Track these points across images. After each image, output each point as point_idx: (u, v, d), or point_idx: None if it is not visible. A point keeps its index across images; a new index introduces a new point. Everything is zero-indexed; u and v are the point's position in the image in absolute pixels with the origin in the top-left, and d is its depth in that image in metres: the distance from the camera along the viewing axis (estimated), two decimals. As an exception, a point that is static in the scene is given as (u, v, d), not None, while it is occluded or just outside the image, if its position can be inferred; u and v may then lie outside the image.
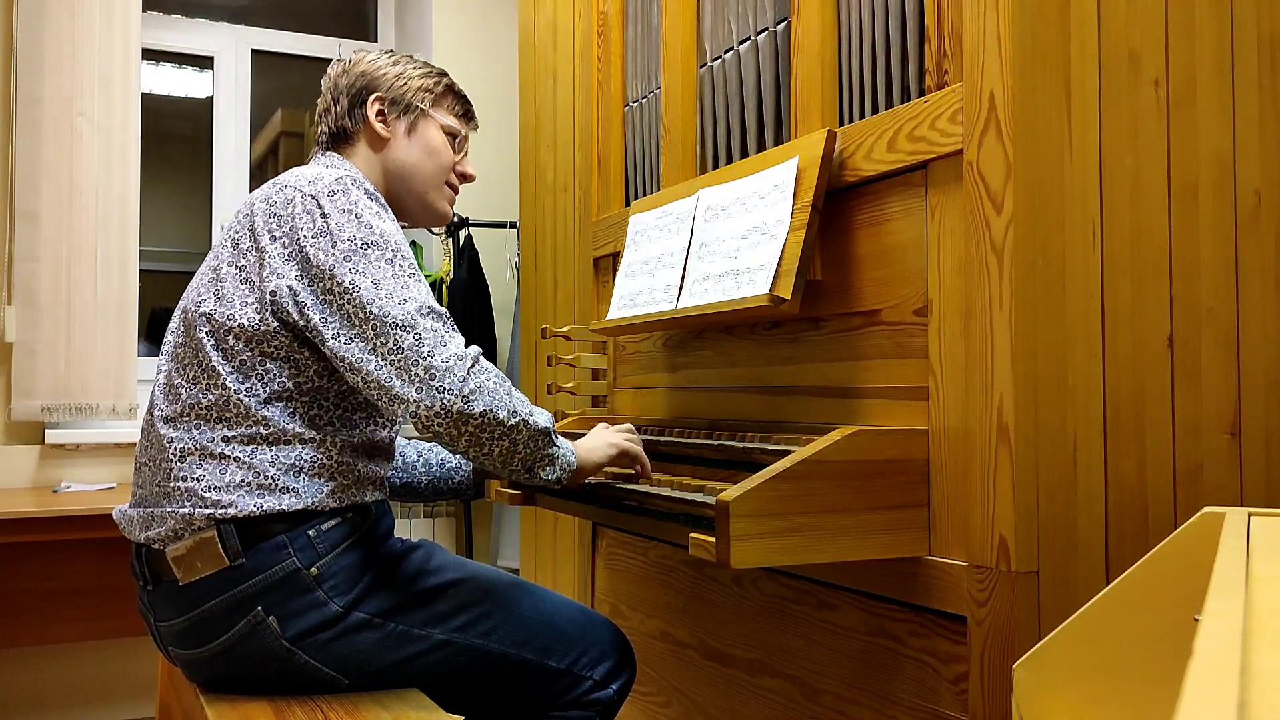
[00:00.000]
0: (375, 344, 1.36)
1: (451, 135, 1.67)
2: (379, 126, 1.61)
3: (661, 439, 1.71)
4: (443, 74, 1.69)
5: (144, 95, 3.16)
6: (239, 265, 1.44)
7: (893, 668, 1.42)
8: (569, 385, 2.17)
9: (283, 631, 1.38)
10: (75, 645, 3.06)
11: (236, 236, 1.47)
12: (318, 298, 1.39)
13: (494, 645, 1.48)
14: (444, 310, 1.42)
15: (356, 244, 1.40)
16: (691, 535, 1.30)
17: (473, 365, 1.37)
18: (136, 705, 3.12)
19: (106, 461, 3.09)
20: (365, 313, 1.36)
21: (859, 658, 1.48)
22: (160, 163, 3.67)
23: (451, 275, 3.50)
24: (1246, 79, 1.38)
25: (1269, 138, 1.39)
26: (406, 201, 1.64)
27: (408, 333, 1.36)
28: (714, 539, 1.25)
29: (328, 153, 1.63)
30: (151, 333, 3.53)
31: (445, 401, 1.34)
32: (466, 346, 1.40)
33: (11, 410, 2.95)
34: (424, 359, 1.35)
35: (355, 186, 1.46)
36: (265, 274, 1.41)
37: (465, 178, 1.71)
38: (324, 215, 1.41)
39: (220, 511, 1.37)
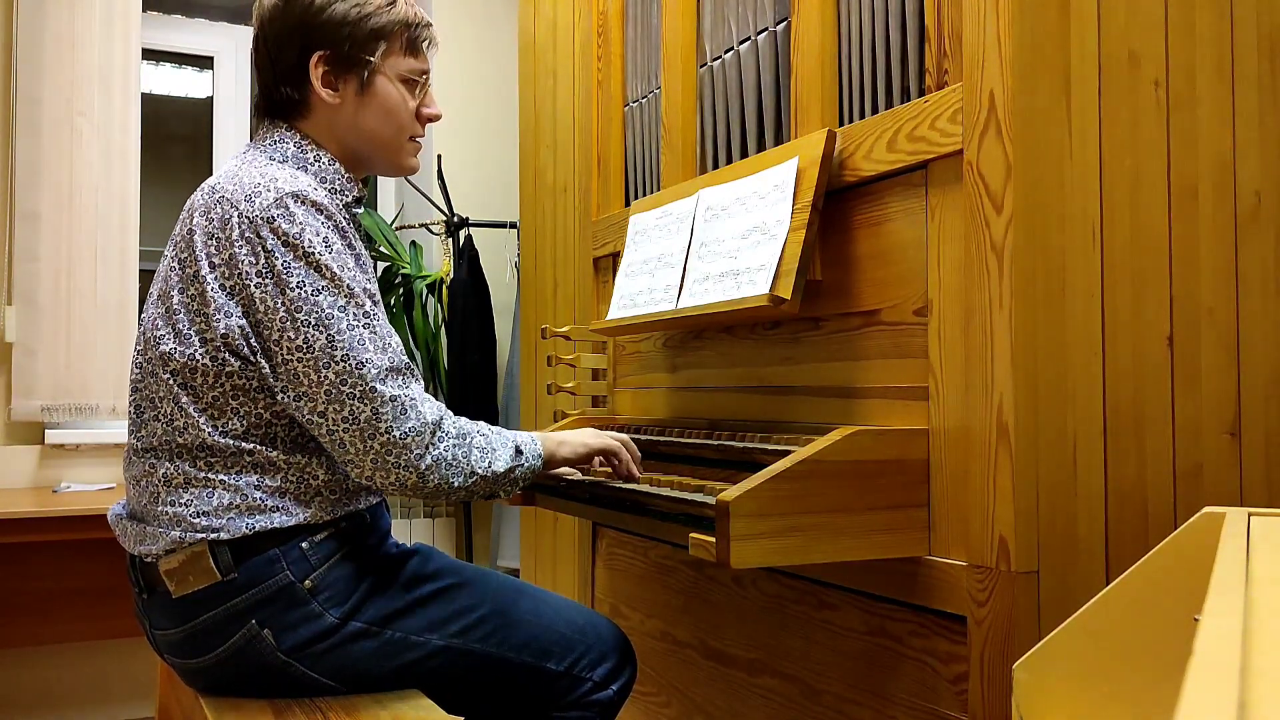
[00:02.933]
0: (327, 408, 1.31)
1: (410, 80, 1.49)
2: (326, 94, 1.44)
3: (661, 439, 1.71)
4: (391, 2, 1.46)
5: (144, 95, 3.16)
6: (188, 294, 1.35)
7: (893, 668, 1.42)
8: (569, 385, 2.17)
9: (278, 644, 1.36)
10: (75, 645, 3.05)
11: (182, 256, 1.37)
12: (264, 344, 1.32)
13: (492, 649, 1.47)
14: (404, 362, 1.35)
15: (306, 290, 1.31)
16: (691, 535, 1.30)
17: (432, 436, 1.34)
18: (136, 705, 3.12)
19: (106, 461, 3.09)
20: (319, 376, 1.30)
21: (859, 658, 1.48)
22: (160, 163, 3.67)
23: (451, 275, 3.50)
24: (1246, 79, 1.38)
25: (1269, 138, 1.39)
26: (370, 161, 1.51)
27: (365, 404, 1.30)
28: (714, 539, 1.25)
29: (274, 124, 1.48)
30: (151, 333, 3.53)
31: (400, 476, 1.33)
32: (428, 403, 1.35)
33: (11, 410, 2.95)
34: (380, 434, 1.31)
35: (297, 203, 1.33)
36: (211, 311, 1.32)
37: (430, 119, 1.54)
38: (267, 251, 1.31)
39: (212, 535, 1.34)
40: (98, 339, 3.01)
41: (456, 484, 1.36)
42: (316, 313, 1.31)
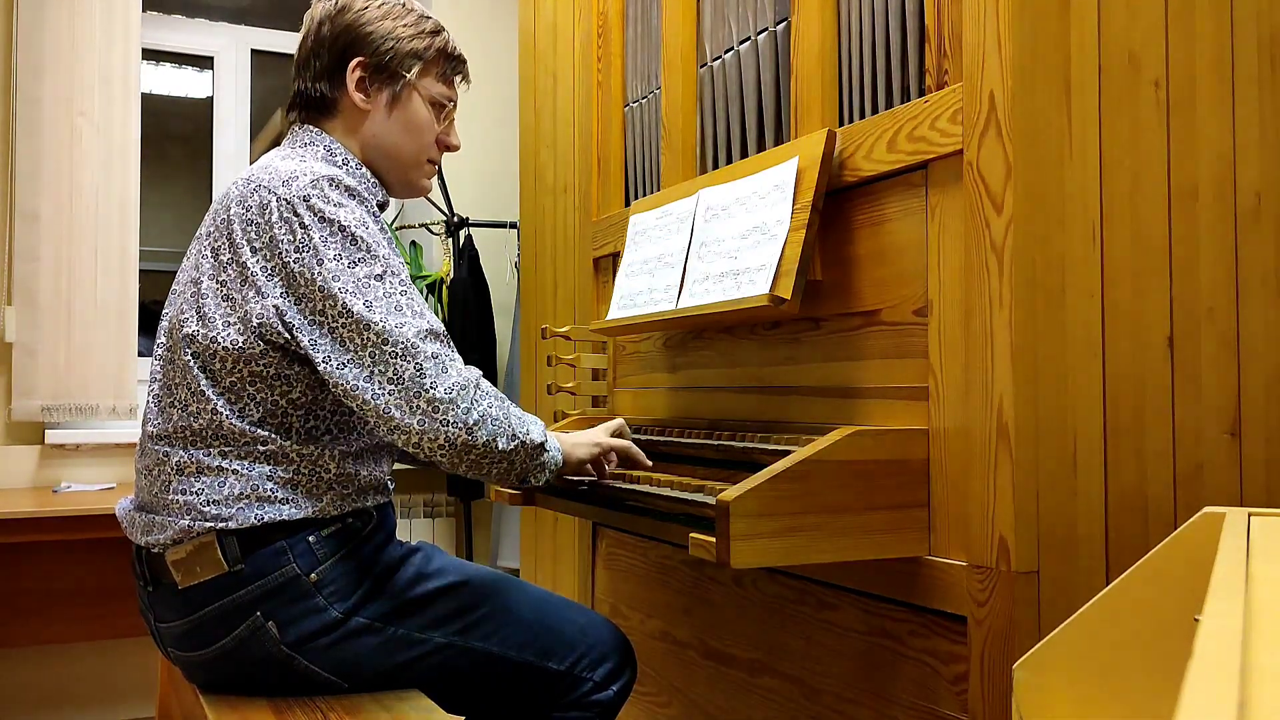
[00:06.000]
0: (373, 371, 1.31)
1: (439, 104, 1.57)
2: (358, 98, 1.51)
3: (661, 439, 1.71)
4: (436, 31, 1.56)
5: (144, 95, 3.15)
6: (219, 280, 1.38)
7: (893, 668, 1.42)
8: (569, 385, 2.17)
9: (282, 637, 1.38)
10: (75, 645, 3.05)
11: (216, 245, 1.41)
12: (306, 318, 1.34)
13: (494, 648, 1.48)
14: (442, 329, 1.37)
15: (344, 262, 1.34)
16: (692, 535, 1.30)
17: (475, 391, 1.34)
18: (136, 705, 3.12)
19: (106, 461, 3.09)
20: (362, 338, 1.32)
21: (859, 658, 1.48)
22: (160, 163, 3.67)
23: (451, 275, 3.50)
24: (1246, 79, 1.38)
25: (1269, 138, 1.39)
26: (385, 176, 1.56)
27: (408, 361, 1.31)
28: (714, 539, 1.25)
29: (304, 125, 1.55)
30: (151, 331, 3.53)
31: (450, 435, 1.32)
32: (465, 366, 1.36)
33: (11, 410, 2.95)
34: (426, 390, 1.31)
35: (333, 187, 1.39)
36: (249, 293, 1.35)
37: (449, 148, 1.61)
38: (304, 227, 1.35)
39: (221, 525, 1.36)
40: (98, 339, 3.01)
41: (501, 446, 1.35)
42: (354, 281, 1.34)
